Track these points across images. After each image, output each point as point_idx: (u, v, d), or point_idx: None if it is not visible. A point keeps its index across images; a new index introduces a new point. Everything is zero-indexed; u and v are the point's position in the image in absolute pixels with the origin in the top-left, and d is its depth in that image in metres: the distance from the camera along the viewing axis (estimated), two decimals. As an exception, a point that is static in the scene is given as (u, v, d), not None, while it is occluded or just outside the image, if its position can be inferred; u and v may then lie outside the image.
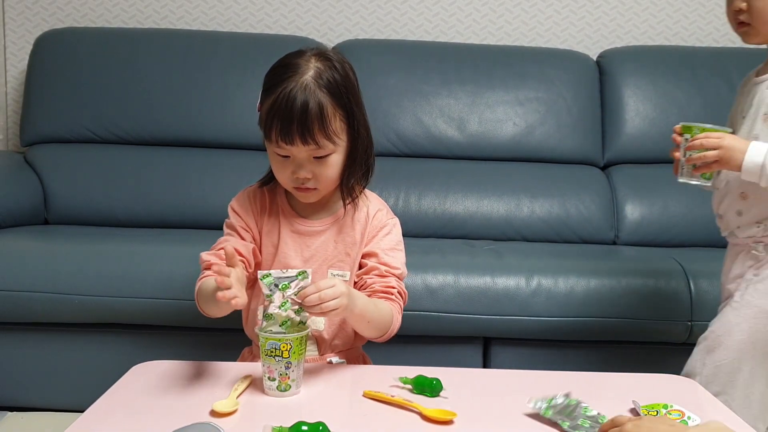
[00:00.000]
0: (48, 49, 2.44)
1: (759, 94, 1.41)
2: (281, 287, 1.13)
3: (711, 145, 1.33)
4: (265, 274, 1.13)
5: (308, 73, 1.23)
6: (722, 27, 2.68)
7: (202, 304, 1.28)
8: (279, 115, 1.21)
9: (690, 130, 1.37)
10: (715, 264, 1.92)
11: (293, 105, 1.20)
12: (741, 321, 1.39)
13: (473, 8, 2.67)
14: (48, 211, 2.35)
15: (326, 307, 1.12)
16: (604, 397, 1.21)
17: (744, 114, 1.44)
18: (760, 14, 1.35)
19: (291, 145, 1.22)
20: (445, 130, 2.44)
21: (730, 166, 1.32)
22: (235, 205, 1.37)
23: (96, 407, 1.07)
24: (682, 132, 1.38)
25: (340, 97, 1.25)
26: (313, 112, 1.20)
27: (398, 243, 1.39)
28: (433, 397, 1.13)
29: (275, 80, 1.23)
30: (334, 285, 1.13)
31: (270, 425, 0.97)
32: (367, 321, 1.25)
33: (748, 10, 1.35)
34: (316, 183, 1.27)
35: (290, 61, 1.26)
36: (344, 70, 1.27)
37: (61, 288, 1.79)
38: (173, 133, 2.41)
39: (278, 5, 2.66)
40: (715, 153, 1.31)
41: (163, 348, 1.80)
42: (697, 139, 1.35)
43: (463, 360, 1.89)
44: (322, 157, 1.25)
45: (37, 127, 2.42)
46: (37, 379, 1.89)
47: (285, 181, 1.29)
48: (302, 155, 1.24)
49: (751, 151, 1.30)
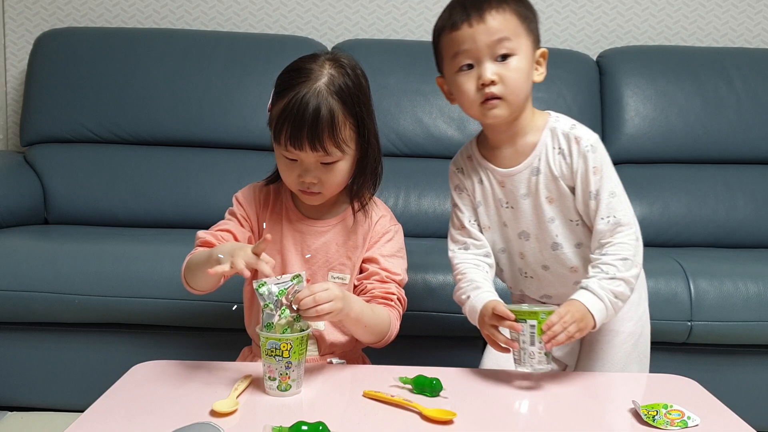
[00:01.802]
0: (48, 48, 2.44)
1: (524, 183, 1.34)
2: (279, 293, 1.13)
3: (566, 324, 1.20)
4: (261, 283, 1.12)
5: (321, 79, 1.23)
6: (722, 27, 2.68)
7: (188, 277, 1.28)
8: (290, 120, 1.21)
9: (533, 316, 1.19)
10: (715, 264, 1.93)
11: (305, 111, 1.20)
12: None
13: (473, 8, 2.66)
14: (48, 211, 2.35)
15: (321, 310, 1.12)
16: (603, 396, 1.21)
17: (510, 204, 1.37)
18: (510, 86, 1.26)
19: (300, 150, 1.22)
20: (445, 130, 2.45)
21: (587, 330, 1.24)
22: (239, 196, 1.38)
23: (96, 407, 1.07)
24: (517, 319, 1.20)
25: (352, 106, 1.25)
26: (324, 119, 1.20)
27: (399, 250, 1.39)
28: (433, 397, 1.13)
29: (288, 83, 1.23)
30: (327, 288, 1.14)
31: (270, 425, 0.97)
32: (364, 326, 1.25)
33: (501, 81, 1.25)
34: (321, 188, 1.28)
35: (304, 65, 1.25)
36: (357, 78, 1.28)
37: (61, 288, 1.79)
38: (173, 132, 2.41)
39: (278, 5, 2.66)
40: (575, 327, 1.20)
41: (163, 348, 1.80)
42: (553, 324, 1.18)
43: (463, 360, 1.88)
44: (329, 163, 1.25)
45: (37, 127, 2.42)
46: (37, 379, 1.89)
47: (290, 183, 1.29)
48: (310, 160, 1.24)
49: (591, 305, 1.22)
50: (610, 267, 1.26)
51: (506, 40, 1.23)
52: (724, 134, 2.41)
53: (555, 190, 1.33)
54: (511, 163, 1.35)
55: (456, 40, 1.25)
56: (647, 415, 1.07)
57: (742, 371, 1.88)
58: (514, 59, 1.24)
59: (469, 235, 1.40)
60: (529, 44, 1.27)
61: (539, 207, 1.34)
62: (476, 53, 1.24)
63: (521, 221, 1.37)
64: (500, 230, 1.41)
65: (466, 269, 1.38)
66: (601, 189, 1.29)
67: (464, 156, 1.43)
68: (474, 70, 1.26)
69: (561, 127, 1.32)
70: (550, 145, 1.32)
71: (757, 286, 1.81)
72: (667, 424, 1.06)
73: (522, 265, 1.43)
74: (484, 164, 1.38)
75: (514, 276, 1.46)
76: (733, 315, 1.80)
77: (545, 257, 1.39)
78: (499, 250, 1.44)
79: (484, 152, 1.39)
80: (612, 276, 1.25)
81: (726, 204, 2.32)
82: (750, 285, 1.82)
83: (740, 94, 2.43)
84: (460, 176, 1.42)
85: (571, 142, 1.30)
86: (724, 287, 1.81)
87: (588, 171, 1.29)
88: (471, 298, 1.32)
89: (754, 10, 2.67)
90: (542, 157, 1.32)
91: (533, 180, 1.33)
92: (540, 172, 1.32)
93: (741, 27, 2.68)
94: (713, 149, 2.41)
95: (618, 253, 1.27)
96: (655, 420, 1.06)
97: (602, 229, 1.28)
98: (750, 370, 1.88)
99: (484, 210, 1.40)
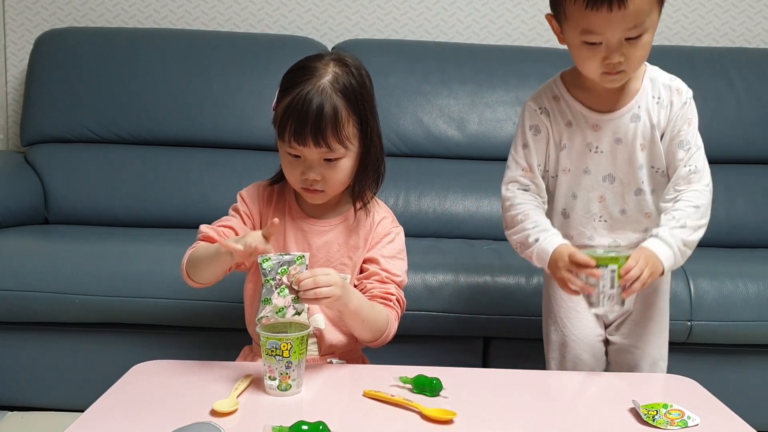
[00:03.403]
0: (48, 48, 2.44)
1: (623, 128, 1.36)
2: (280, 272, 1.14)
3: (642, 269, 1.24)
4: (265, 258, 1.14)
5: (326, 77, 1.25)
6: (722, 27, 2.68)
7: (191, 270, 1.29)
8: (294, 116, 1.22)
9: (614, 261, 1.22)
10: (714, 264, 1.93)
11: (308, 107, 1.22)
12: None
13: (473, 8, 2.67)
14: (48, 210, 2.35)
15: (320, 293, 1.13)
16: (604, 396, 1.21)
17: (601, 149, 1.37)
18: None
19: (303, 146, 1.24)
20: (445, 130, 2.45)
21: (657, 276, 1.27)
22: (243, 193, 1.39)
23: (96, 407, 1.07)
24: (598, 265, 1.23)
25: (355, 103, 1.27)
26: (328, 116, 1.22)
27: (400, 251, 1.40)
28: (433, 397, 1.13)
29: (293, 81, 1.25)
30: (329, 274, 1.16)
31: (270, 425, 0.97)
32: (362, 320, 1.26)
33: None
34: (324, 186, 1.29)
35: (309, 63, 1.28)
36: (361, 77, 1.30)
37: (61, 288, 1.79)
38: (173, 132, 2.41)
39: (278, 5, 2.66)
40: (647, 272, 1.23)
41: (163, 348, 1.80)
42: (630, 268, 1.22)
43: (463, 360, 1.89)
44: (332, 160, 1.27)
45: (37, 127, 2.42)
46: (38, 379, 1.89)
47: (294, 180, 1.30)
48: (313, 157, 1.26)
49: (661, 252, 1.26)
50: (683, 214, 1.30)
51: (641, 23, 1.22)
52: (724, 134, 2.41)
53: (649, 138, 1.35)
54: (608, 107, 1.35)
55: (590, 19, 1.21)
56: (647, 414, 1.08)
57: (742, 371, 1.88)
58: (645, 36, 1.24)
59: (533, 179, 1.40)
60: (659, 8, 1.25)
61: (633, 153, 1.36)
62: (609, 38, 1.22)
63: (610, 165, 1.38)
64: (580, 174, 1.40)
65: (530, 210, 1.37)
66: (691, 139, 1.35)
67: (549, 95, 1.40)
68: (601, 47, 1.24)
69: (661, 78, 1.37)
70: (650, 94, 1.35)
71: (756, 286, 1.81)
72: (667, 423, 1.06)
73: (599, 209, 1.42)
74: (575, 106, 1.37)
75: (584, 222, 1.44)
76: (733, 315, 1.80)
77: (626, 201, 1.40)
78: (571, 196, 1.43)
79: (575, 93, 1.38)
80: (683, 225, 1.29)
81: (726, 204, 2.32)
82: (750, 285, 1.82)
83: (740, 94, 2.43)
84: (543, 117, 1.39)
85: (673, 93, 1.35)
86: (724, 287, 1.82)
87: (684, 121, 1.34)
88: (540, 240, 1.32)
89: (754, 10, 2.67)
90: (642, 104, 1.35)
91: (631, 126, 1.35)
92: (639, 119, 1.35)
93: (741, 27, 2.68)
94: (713, 149, 2.36)
95: (691, 200, 1.32)
96: (655, 420, 1.07)
97: (682, 175, 1.34)
98: (750, 369, 1.88)
99: (567, 153, 1.39)
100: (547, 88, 1.41)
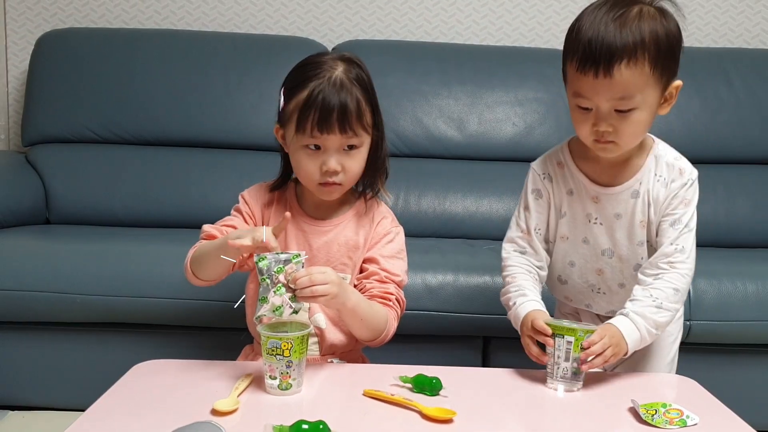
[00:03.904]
0: (49, 49, 2.44)
1: (622, 203, 1.34)
2: (276, 270, 1.14)
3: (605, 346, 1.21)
4: (261, 257, 1.15)
5: (338, 69, 1.27)
6: (721, 27, 2.68)
7: (195, 267, 1.30)
8: (316, 106, 1.23)
9: (572, 332, 1.19)
10: (714, 263, 1.93)
11: (331, 95, 1.23)
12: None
13: (473, 8, 2.67)
14: (49, 210, 2.35)
15: (316, 291, 1.14)
16: (603, 396, 1.21)
17: (601, 221, 1.36)
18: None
19: (329, 133, 1.24)
20: (445, 130, 2.45)
21: (620, 356, 1.25)
22: (245, 194, 1.40)
23: (96, 407, 1.07)
24: (555, 334, 1.20)
25: (368, 93, 1.30)
26: (352, 103, 1.25)
27: (400, 251, 1.40)
28: (432, 396, 1.14)
29: (303, 77, 1.27)
30: (325, 272, 1.16)
31: (271, 424, 0.98)
32: (360, 318, 1.26)
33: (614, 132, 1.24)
34: (342, 177, 1.29)
35: (315, 60, 1.30)
36: (366, 71, 1.33)
37: (62, 287, 1.79)
38: (174, 133, 2.41)
39: (279, 6, 2.66)
40: (611, 351, 1.20)
41: (163, 348, 1.80)
42: (592, 343, 1.19)
43: (463, 359, 1.89)
44: (352, 148, 1.28)
45: (38, 127, 2.43)
46: (38, 379, 1.89)
47: (311, 174, 1.29)
48: (335, 145, 1.26)
49: (628, 335, 1.23)
50: (662, 294, 1.27)
51: (630, 98, 1.19)
52: (723, 134, 2.42)
53: (647, 215, 1.33)
54: (609, 181, 1.34)
55: (580, 82, 1.21)
56: (646, 414, 1.08)
57: (741, 371, 1.89)
58: (636, 113, 1.21)
59: (531, 243, 1.39)
60: (657, 93, 1.23)
61: (632, 229, 1.34)
62: (598, 105, 1.21)
63: (610, 239, 1.36)
64: (578, 244, 1.39)
65: (517, 274, 1.38)
66: (684, 219, 1.31)
67: (553, 161, 1.39)
68: (591, 113, 1.23)
69: (666, 156, 1.34)
70: (653, 171, 1.33)
71: (756, 286, 1.82)
72: (666, 423, 1.06)
73: (597, 282, 1.42)
74: (577, 176, 1.36)
75: (581, 291, 1.45)
76: (732, 314, 1.80)
77: (625, 276, 1.39)
78: (568, 263, 1.42)
79: (579, 162, 1.36)
80: (659, 305, 1.26)
81: (725, 204, 2.32)
82: (749, 285, 1.82)
83: (739, 95, 2.44)
84: (546, 183, 1.38)
85: (674, 173, 1.32)
86: (723, 287, 1.82)
87: (681, 201, 1.31)
88: (516, 305, 1.33)
89: (753, 11, 2.68)
90: (643, 182, 1.32)
91: (631, 202, 1.33)
92: (639, 195, 1.32)
93: (740, 27, 2.68)
94: (712, 149, 2.41)
95: (673, 282, 1.28)
96: (654, 419, 1.07)
97: (668, 252, 1.30)
98: (749, 369, 1.89)
99: (567, 221, 1.38)
100: (553, 153, 1.40)
